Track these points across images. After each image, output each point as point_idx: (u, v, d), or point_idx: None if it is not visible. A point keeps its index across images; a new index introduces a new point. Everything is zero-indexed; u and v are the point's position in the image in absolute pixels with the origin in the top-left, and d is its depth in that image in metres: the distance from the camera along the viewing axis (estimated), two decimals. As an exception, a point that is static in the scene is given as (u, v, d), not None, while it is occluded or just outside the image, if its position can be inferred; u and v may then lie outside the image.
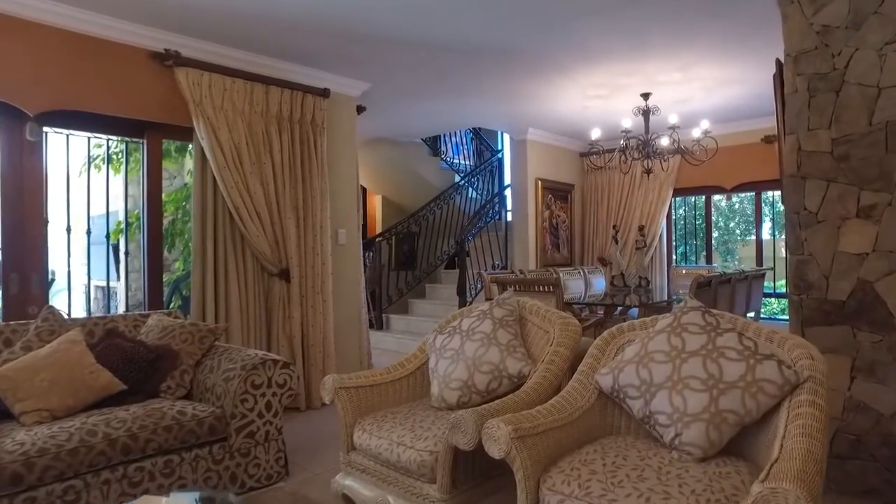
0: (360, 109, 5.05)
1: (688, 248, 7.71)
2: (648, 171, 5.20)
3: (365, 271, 8.35)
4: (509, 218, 7.39)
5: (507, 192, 7.44)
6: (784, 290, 7.63)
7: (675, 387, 1.65)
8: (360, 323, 4.88)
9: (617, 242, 5.21)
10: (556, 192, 7.21)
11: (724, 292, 4.17)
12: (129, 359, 2.78)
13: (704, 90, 5.16)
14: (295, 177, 4.13)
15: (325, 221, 4.27)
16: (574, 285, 5.78)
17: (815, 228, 2.47)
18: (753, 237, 10.93)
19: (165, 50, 3.54)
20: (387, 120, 6.21)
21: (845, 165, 2.39)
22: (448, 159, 8.25)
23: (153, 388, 2.79)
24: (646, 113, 5.15)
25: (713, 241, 8.86)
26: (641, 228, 5.25)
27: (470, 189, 8.09)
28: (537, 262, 6.88)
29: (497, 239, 7.10)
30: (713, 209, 8.91)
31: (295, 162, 4.13)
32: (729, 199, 6.81)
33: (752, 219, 10.99)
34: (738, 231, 10.01)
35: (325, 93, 4.32)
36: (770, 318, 6.80)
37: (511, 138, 6.91)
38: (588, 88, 5.08)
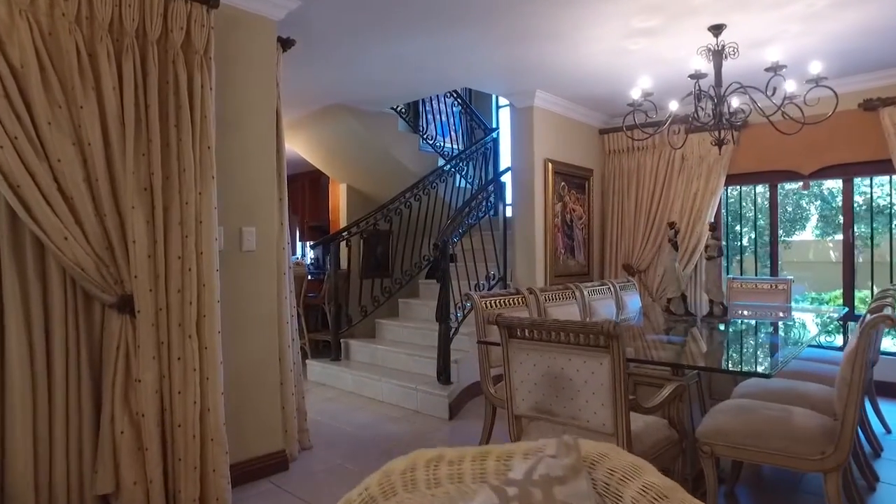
0: (286, 44, 3.31)
1: (741, 252, 6.03)
2: (721, 143, 3.49)
3: (324, 281, 6.64)
4: (508, 213, 5.66)
5: (504, 179, 5.71)
6: (855, 308, 5.89)
7: None
8: (281, 372, 3.13)
9: (677, 248, 3.51)
10: (571, 180, 5.49)
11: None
12: None
13: (800, 21, 3.46)
14: (147, 135, 2.37)
15: (208, 214, 2.52)
16: (604, 308, 4.08)
17: None
18: (796, 238, 9.29)
19: None
20: (339, 76, 4.45)
21: None
22: (431, 140, 6.50)
23: None
24: (718, 55, 3.45)
25: (749, 243, 7.21)
26: (714, 228, 3.54)
27: (458, 176, 6.36)
28: (547, 272, 5.16)
29: (493, 240, 5.37)
30: (746, 201, 7.18)
31: (148, 110, 2.37)
32: (807, 187, 5.15)
33: (794, 216, 9.37)
34: (780, 231, 8.33)
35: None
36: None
37: (512, 106, 5.18)
38: (634, 16, 3.36)
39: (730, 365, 2.40)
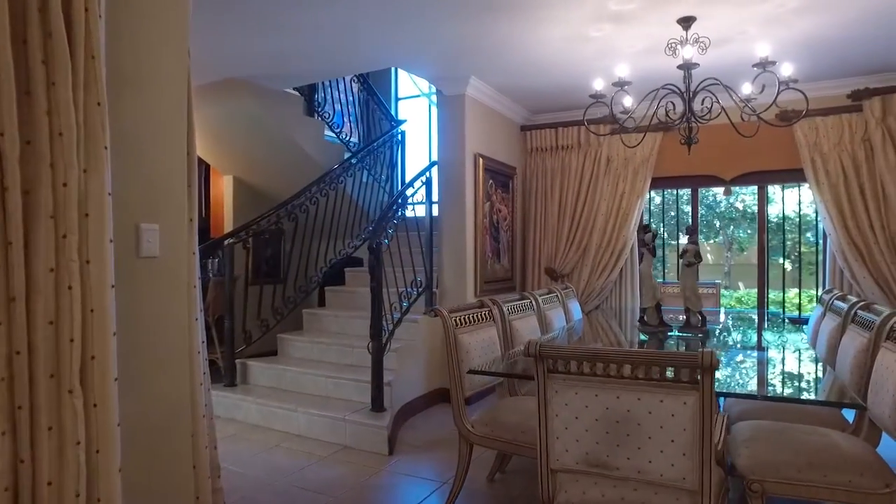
0: (196, -21, 2.46)
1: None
2: (690, 142, 3.31)
3: (206, 287, 5.55)
4: (423, 212, 5.06)
5: (416, 175, 5.08)
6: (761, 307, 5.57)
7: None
8: (193, 420, 2.30)
9: (654, 254, 3.26)
10: (498, 178, 5.11)
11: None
12: None
13: (761, 24, 3.40)
14: (-4, 73, 1.48)
15: (99, 204, 1.66)
16: (557, 319, 3.74)
17: None
18: (674, 241, 9.87)
19: None
20: (249, 42, 3.61)
21: None
22: (338, 129, 5.74)
23: None
24: (689, 49, 3.25)
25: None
26: (692, 232, 3.35)
27: (365, 172, 5.67)
28: (477, 279, 4.72)
29: (420, 242, 4.72)
30: (640, 209, 7.32)
31: (-2, 33, 1.48)
32: (728, 193, 5.27)
33: (679, 220, 9.95)
34: (665, 235, 8.76)
35: None
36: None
37: (440, 93, 4.66)
38: (613, -5, 3.02)
39: (826, 395, 2.10)
